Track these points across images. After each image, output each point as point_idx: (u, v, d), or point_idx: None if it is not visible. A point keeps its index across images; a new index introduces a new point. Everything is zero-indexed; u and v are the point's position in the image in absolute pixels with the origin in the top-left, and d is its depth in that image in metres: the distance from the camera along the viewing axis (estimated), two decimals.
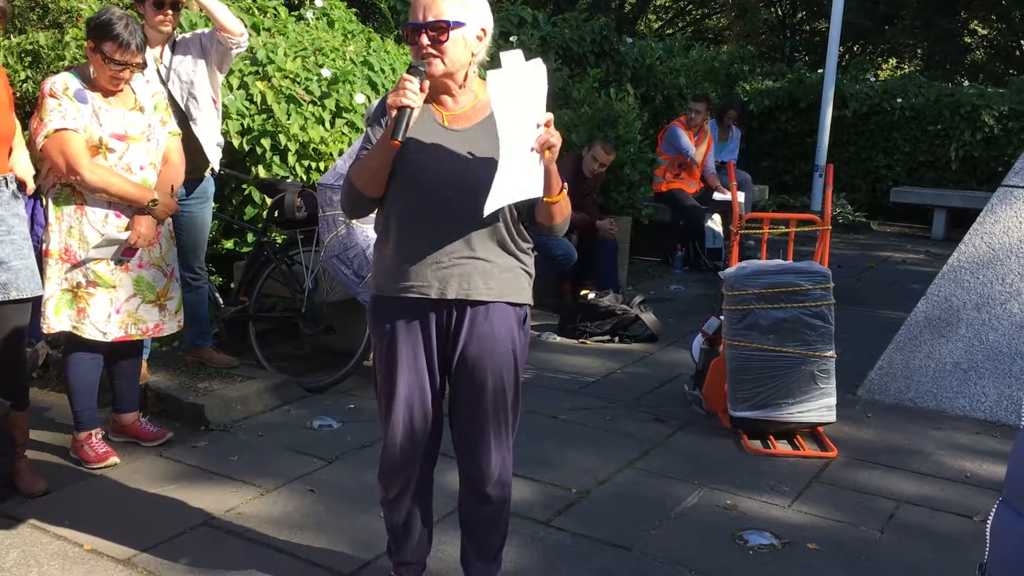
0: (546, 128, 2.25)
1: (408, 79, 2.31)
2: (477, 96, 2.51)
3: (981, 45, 20.38)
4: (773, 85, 12.67)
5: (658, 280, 7.98)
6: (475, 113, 2.50)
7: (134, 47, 3.51)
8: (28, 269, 3.40)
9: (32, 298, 3.44)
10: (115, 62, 3.51)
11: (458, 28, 2.35)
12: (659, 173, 8.51)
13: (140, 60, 3.57)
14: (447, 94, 2.49)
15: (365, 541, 3.21)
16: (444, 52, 2.36)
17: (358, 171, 2.45)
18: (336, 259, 4.52)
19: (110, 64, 3.51)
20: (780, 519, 3.51)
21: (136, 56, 3.53)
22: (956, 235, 9.66)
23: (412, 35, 2.38)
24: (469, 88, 2.51)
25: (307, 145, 5.31)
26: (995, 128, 11.09)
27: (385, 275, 2.54)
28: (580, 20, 9.42)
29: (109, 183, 3.56)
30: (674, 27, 22.17)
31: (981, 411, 4.68)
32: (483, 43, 2.44)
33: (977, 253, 4.93)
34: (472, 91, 2.51)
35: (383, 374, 2.60)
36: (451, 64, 2.39)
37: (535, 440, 4.16)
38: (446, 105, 2.50)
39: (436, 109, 2.49)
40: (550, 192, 2.37)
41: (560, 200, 2.42)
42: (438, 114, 2.49)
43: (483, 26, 2.42)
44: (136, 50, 3.52)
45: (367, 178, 2.44)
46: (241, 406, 4.42)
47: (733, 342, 4.29)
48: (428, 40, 2.34)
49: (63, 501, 3.50)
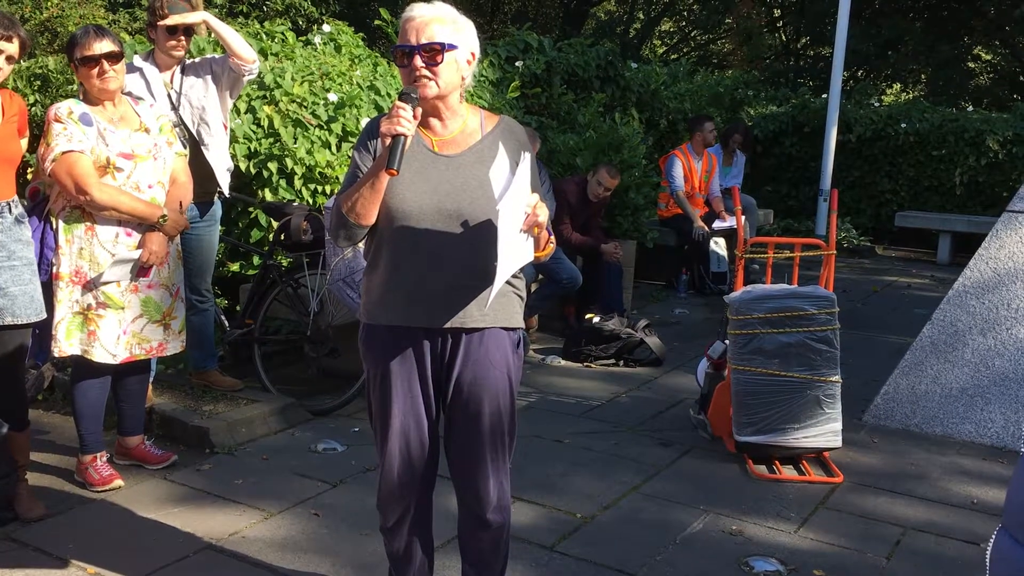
0: (533, 210, 2.32)
1: (401, 106, 2.31)
2: (465, 121, 2.51)
3: (985, 71, 20.46)
4: (777, 110, 12.71)
5: (663, 304, 7.97)
6: (464, 139, 2.50)
7: (92, 35, 3.56)
8: (27, 295, 3.40)
9: (30, 323, 3.45)
10: (87, 60, 3.56)
11: (451, 51, 2.37)
12: (663, 199, 8.53)
13: (110, 48, 3.58)
14: (437, 117, 2.49)
15: (369, 565, 3.20)
16: (437, 75, 2.37)
17: (348, 199, 2.42)
18: (342, 282, 4.53)
19: (85, 67, 3.56)
20: (786, 545, 3.49)
21: (100, 41, 3.56)
22: (961, 260, 9.66)
23: (403, 58, 2.37)
24: (458, 113, 2.51)
25: (313, 169, 5.34)
26: (999, 153, 11.10)
27: (377, 304, 2.52)
28: (585, 45, 9.46)
29: (118, 201, 3.58)
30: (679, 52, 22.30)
31: (987, 437, 4.66)
32: (471, 67, 2.46)
33: (982, 278, 4.93)
34: (461, 116, 2.51)
35: (378, 403, 2.58)
36: (444, 87, 2.39)
37: (539, 464, 4.15)
38: (435, 130, 2.50)
39: (424, 134, 2.49)
40: (538, 248, 2.46)
41: (547, 252, 2.52)
42: (427, 139, 2.49)
43: (472, 50, 2.45)
44: (95, 36, 3.57)
45: (358, 206, 2.40)
46: (246, 429, 4.42)
47: (738, 366, 4.28)
48: (422, 62, 2.35)
49: (67, 524, 3.50)
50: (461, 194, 2.42)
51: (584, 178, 6.84)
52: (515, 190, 2.30)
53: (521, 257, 2.36)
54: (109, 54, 3.57)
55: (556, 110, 8.58)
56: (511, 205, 2.28)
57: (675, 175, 8.33)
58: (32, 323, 3.45)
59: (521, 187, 2.31)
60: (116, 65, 3.61)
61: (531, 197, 2.33)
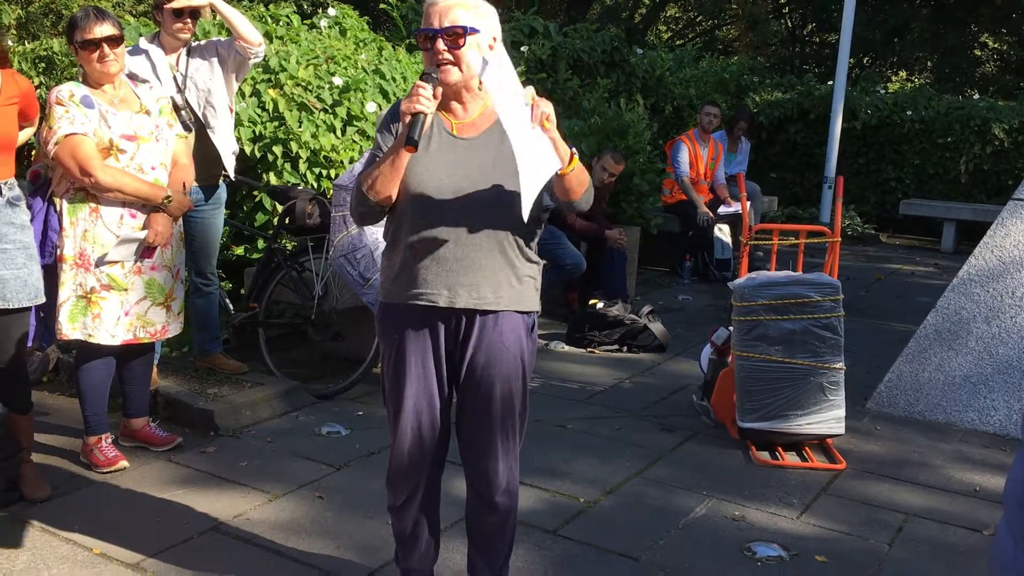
0: (533, 102, 2.26)
1: (422, 85, 2.33)
2: (485, 105, 2.53)
3: (991, 58, 20.36)
4: (783, 97, 12.68)
5: (667, 290, 7.97)
6: (483, 122, 2.52)
7: (92, 18, 3.55)
8: (19, 280, 3.34)
9: (29, 307, 3.43)
10: (88, 44, 3.55)
11: (473, 35, 2.39)
12: (667, 186, 8.52)
13: (110, 32, 3.57)
14: (458, 101, 2.51)
15: (373, 548, 3.22)
16: (460, 59, 2.39)
17: (368, 177, 2.45)
18: (344, 259, 4.53)
19: (86, 50, 3.56)
20: (788, 531, 3.50)
21: (100, 25, 3.55)
22: (965, 248, 9.66)
23: (426, 41, 2.40)
24: (478, 97, 2.53)
25: (318, 153, 5.34)
26: (1005, 141, 11.07)
27: (394, 282, 2.55)
28: (591, 31, 9.44)
29: (122, 183, 3.58)
30: (684, 38, 22.21)
31: (991, 424, 4.67)
32: (493, 52, 2.47)
33: (987, 266, 4.92)
34: (481, 100, 2.53)
35: (391, 382, 2.60)
36: (466, 71, 2.42)
37: (543, 449, 4.16)
38: (456, 113, 2.53)
39: (445, 117, 2.52)
40: (561, 160, 2.36)
41: (574, 168, 2.40)
42: (447, 122, 2.51)
43: (494, 35, 2.47)
44: (95, 19, 3.55)
45: (378, 184, 2.43)
46: (250, 412, 4.43)
47: (742, 353, 4.29)
48: (444, 45, 2.37)
49: (72, 505, 3.51)
50: (479, 176, 2.45)
51: (588, 164, 6.82)
52: (510, 83, 2.23)
53: (545, 162, 2.28)
54: (110, 37, 3.57)
55: (561, 96, 8.57)
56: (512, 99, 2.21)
57: (680, 161, 8.32)
58: (26, 307, 3.42)
59: (513, 80, 2.25)
60: (116, 48, 3.60)
61: (526, 89, 2.29)
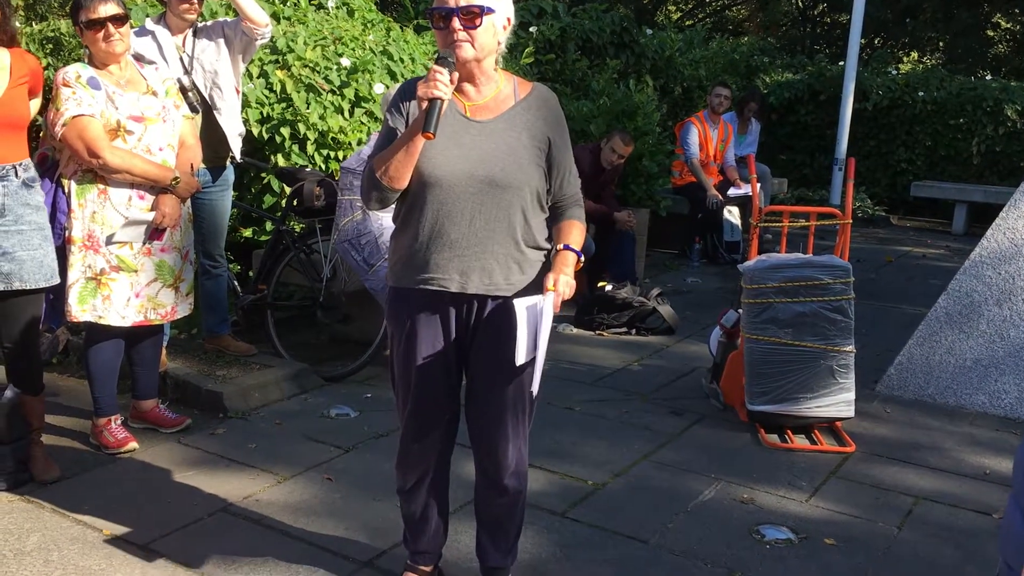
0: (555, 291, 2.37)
1: (438, 70, 2.30)
2: (499, 87, 2.51)
3: (1004, 39, 20.18)
4: (793, 77, 12.58)
5: (675, 273, 7.95)
6: (497, 105, 2.50)
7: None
8: (35, 260, 3.37)
9: (41, 288, 3.44)
10: (93, 24, 3.53)
11: (489, 15, 2.36)
12: (676, 167, 8.48)
13: (115, 11, 3.55)
14: (471, 83, 2.49)
15: (381, 530, 3.23)
16: (475, 38, 2.36)
17: (382, 163, 2.42)
18: (348, 243, 4.52)
19: (91, 31, 3.54)
20: (797, 514, 3.50)
21: (105, 4, 3.53)
22: (977, 230, 9.61)
23: (441, 20, 2.37)
24: (492, 79, 2.50)
25: (326, 134, 5.32)
26: (1018, 123, 10.97)
27: (404, 266, 2.53)
28: (600, 11, 9.36)
29: (131, 164, 3.58)
30: (694, 18, 22.07)
31: (1001, 408, 4.65)
32: (507, 32, 2.46)
33: (999, 248, 4.89)
34: (495, 82, 2.51)
35: (401, 365, 2.60)
36: (480, 50, 2.39)
37: (551, 431, 4.16)
38: (468, 95, 2.50)
39: (458, 99, 2.49)
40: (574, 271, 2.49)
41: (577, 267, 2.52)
42: (460, 104, 2.49)
43: (508, 15, 2.45)
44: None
45: (392, 170, 2.40)
46: (259, 394, 4.44)
47: (751, 335, 4.27)
48: (460, 24, 2.34)
49: (82, 486, 3.53)
50: (492, 160, 2.43)
51: (598, 145, 6.78)
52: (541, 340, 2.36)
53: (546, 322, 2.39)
54: (114, 17, 3.55)
55: (570, 77, 8.51)
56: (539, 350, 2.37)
57: (690, 142, 8.27)
58: (43, 288, 3.45)
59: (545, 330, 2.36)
60: (122, 28, 3.58)
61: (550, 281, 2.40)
